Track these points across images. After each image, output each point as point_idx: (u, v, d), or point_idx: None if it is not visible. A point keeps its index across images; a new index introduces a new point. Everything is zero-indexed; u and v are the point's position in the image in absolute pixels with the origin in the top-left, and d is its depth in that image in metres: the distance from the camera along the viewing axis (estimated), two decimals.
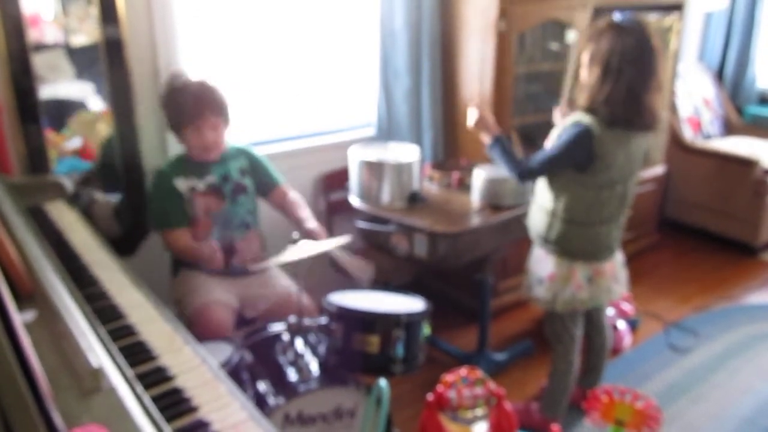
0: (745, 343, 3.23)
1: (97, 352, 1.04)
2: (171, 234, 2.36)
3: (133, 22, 2.54)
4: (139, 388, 1.01)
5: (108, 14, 2.47)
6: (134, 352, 1.28)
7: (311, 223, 2.50)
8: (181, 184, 2.38)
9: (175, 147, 2.75)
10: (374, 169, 2.71)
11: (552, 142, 2.29)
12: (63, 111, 2.55)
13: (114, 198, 2.71)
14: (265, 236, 2.60)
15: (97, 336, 1.15)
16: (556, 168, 2.24)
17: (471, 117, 2.44)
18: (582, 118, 2.19)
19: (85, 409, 0.91)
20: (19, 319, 0.73)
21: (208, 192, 2.40)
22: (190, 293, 2.35)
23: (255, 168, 2.55)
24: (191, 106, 2.31)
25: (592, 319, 2.58)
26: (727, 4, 4.64)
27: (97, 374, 0.96)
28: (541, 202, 2.37)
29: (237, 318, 2.38)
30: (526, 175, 2.30)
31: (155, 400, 1.09)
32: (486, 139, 2.41)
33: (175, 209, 2.37)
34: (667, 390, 2.84)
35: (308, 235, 2.39)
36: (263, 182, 2.57)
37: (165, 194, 2.38)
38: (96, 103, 2.62)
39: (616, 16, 2.20)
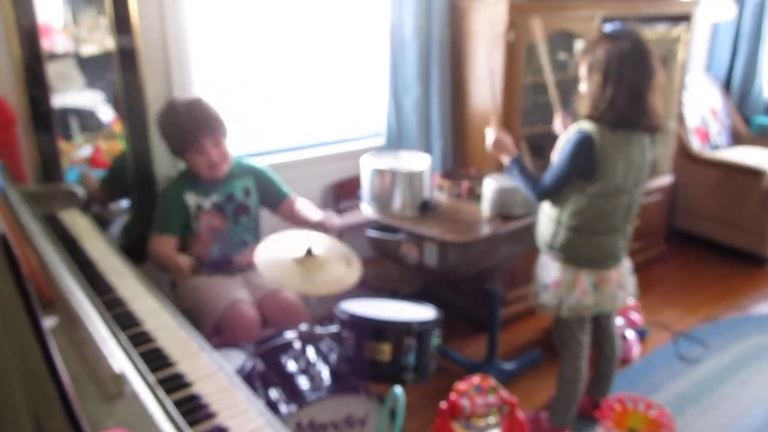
0: (754, 353, 3.23)
1: (118, 358, 1.05)
2: (159, 238, 2.40)
3: (146, 32, 2.57)
4: (161, 393, 1.02)
5: (122, 24, 2.50)
6: (152, 359, 1.29)
7: (316, 216, 2.56)
8: (191, 199, 2.44)
9: None
10: (386, 177, 2.72)
11: (558, 153, 2.31)
12: (72, 120, 2.57)
13: (124, 207, 2.74)
14: None
15: (118, 342, 1.16)
16: (567, 180, 2.26)
17: (489, 138, 2.48)
18: (583, 125, 2.22)
19: (108, 413, 0.92)
20: (47, 326, 0.74)
21: (212, 211, 2.45)
22: (208, 298, 2.37)
23: (262, 185, 2.59)
24: (188, 131, 2.34)
25: (601, 327, 2.58)
26: (734, 15, 4.65)
27: (120, 379, 0.97)
28: (547, 210, 2.38)
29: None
30: (543, 194, 2.32)
31: (174, 406, 1.10)
32: (505, 159, 2.44)
33: (175, 218, 2.42)
34: (677, 400, 2.83)
35: (318, 228, 2.45)
36: (272, 197, 2.61)
37: (172, 201, 2.43)
38: (106, 113, 2.63)
39: (607, 27, 2.23)
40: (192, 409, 1.15)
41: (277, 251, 2.04)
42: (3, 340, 0.63)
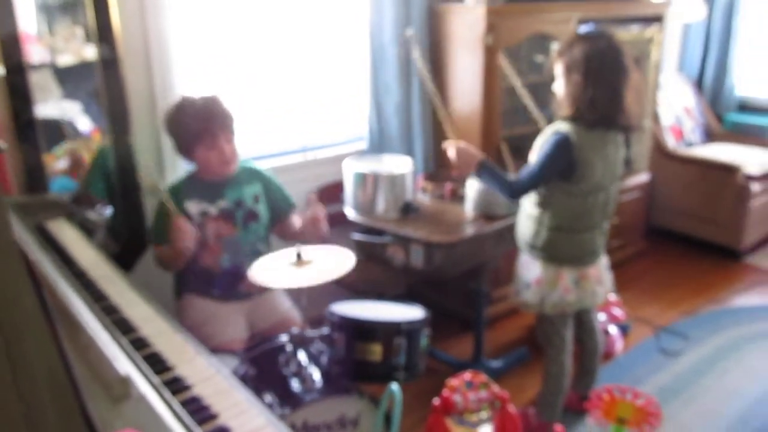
0: (732, 345, 3.30)
1: (122, 361, 1.06)
2: (162, 248, 2.32)
3: (128, 40, 2.57)
4: (167, 394, 1.04)
5: (103, 33, 2.49)
6: (151, 363, 1.30)
7: (306, 213, 2.44)
8: (193, 207, 2.33)
9: (171, 164, 2.78)
10: (368, 180, 2.75)
11: (535, 153, 2.35)
12: (52, 131, 2.55)
13: (106, 215, 2.73)
14: None
15: (120, 346, 1.17)
16: (543, 181, 2.29)
17: (450, 152, 2.41)
18: (561, 126, 2.26)
19: (116, 415, 0.94)
20: (63, 333, 0.76)
21: (219, 217, 2.35)
22: (201, 327, 2.32)
23: (269, 191, 2.49)
24: (201, 124, 2.25)
25: (583, 322, 2.64)
26: (704, 15, 4.75)
27: (126, 382, 0.99)
28: (528, 210, 2.42)
29: None
30: (517, 193, 2.34)
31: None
32: (472, 167, 2.38)
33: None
34: (659, 393, 2.89)
35: (314, 224, 2.39)
36: (278, 208, 2.50)
37: (170, 213, 2.26)
38: (84, 123, 2.62)
39: (582, 29, 2.28)
40: (194, 410, 1.17)
41: (270, 266, 2.04)
42: (31, 343, 0.65)
